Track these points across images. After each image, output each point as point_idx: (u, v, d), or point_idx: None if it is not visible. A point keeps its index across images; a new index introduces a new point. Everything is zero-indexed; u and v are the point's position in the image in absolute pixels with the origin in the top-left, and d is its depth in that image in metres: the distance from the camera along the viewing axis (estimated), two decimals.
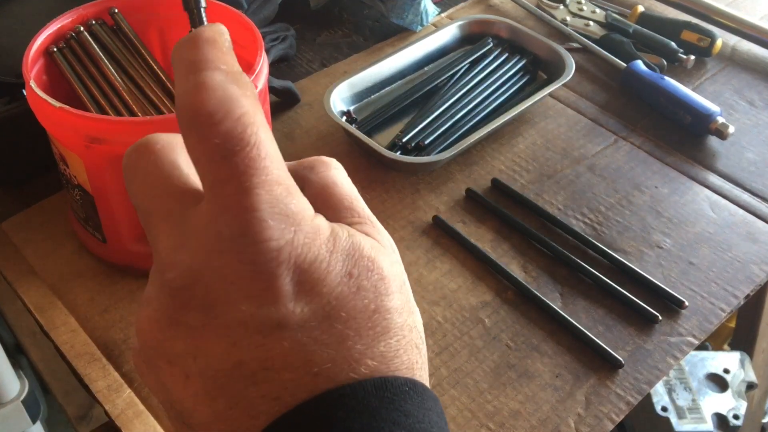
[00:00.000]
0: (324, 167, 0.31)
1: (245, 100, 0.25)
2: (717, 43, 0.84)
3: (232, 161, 0.24)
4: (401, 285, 0.28)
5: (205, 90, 0.25)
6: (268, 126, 0.26)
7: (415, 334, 0.28)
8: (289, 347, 0.24)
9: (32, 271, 0.63)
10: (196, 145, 0.25)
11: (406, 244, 0.66)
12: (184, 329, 0.25)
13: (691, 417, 0.99)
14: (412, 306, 0.29)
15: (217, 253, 0.24)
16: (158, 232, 0.26)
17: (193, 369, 0.25)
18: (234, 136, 0.24)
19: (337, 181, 0.30)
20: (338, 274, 0.26)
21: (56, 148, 0.58)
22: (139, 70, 0.63)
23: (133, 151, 0.28)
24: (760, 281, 0.63)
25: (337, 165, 0.31)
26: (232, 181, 0.24)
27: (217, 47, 0.26)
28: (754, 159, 0.75)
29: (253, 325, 0.24)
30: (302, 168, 0.31)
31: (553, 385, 0.56)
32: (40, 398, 1.07)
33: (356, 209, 0.30)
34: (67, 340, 0.58)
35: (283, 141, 0.75)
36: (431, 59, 0.84)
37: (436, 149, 0.72)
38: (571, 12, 0.91)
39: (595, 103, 0.81)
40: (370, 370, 0.25)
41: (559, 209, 0.69)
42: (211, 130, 0.24)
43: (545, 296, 0.61)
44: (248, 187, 0.24)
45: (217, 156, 0.24)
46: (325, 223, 0.26)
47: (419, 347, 0.28)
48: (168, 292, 0.25)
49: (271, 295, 0.24)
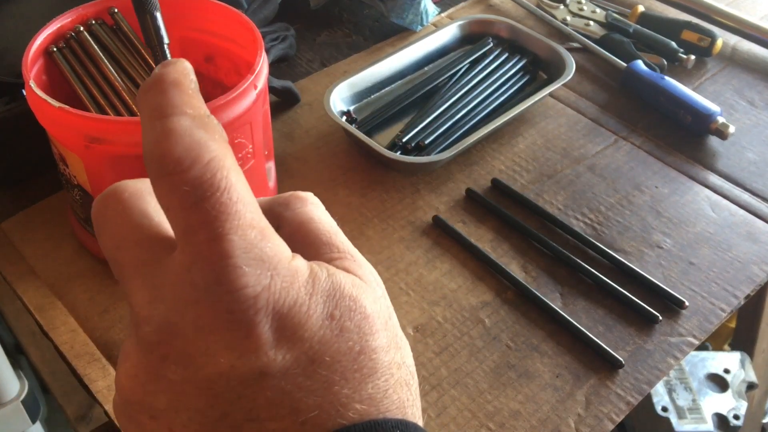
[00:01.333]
0: (299, 203, 0.30)
1: (213, 144, 0.24)
2: (717, 43, 0.84)
3: (203, 207, 0.23)
4: (386, 321, 0.27)
5: (172, 136, 0.24)
6: (239, 168, 0.25)
7: (404, 370, 0.27)
8: (273, 396, 0.24)
9: (32, 271, 0.63)
10: (165, 193, 0.24)
11: (406, 244, 0.66)
12: (164, 384, 0.24)
13: (691, 417, 0.99)
14: (399, 341, 0.28)
15: (192, 303, 0.24)
16: (131, 285, 0.25)
17: (177, 423, 0.24)
18: (203, 182, 0.24)
19: (313, 217, 0.30)
20: (319, 317, 0.25)
21: (56, 148, 0.58)
22: (139, 69, 0.63)
23: (101, 200, 0.27)
24: (761, 281, 0.63)
25: (313, 200, 0.31)
26: (204, 228, 0.23)
27: (183, 90, 0.26)
28: (755, 159, 0.75)
29: (234, 376, 0.24)
30: (277, 205, 0.30)
31: (554, 385, 0.56)
32: (40, 398, 1.06)
33: (335, 244, 0.29)
34: (66, 340, 0.58)
35: (283, 141, 0.75)
36: (431, 59, 0.84)
37: (436, 149, 0.72)
38: (572, 12, 0.91)
39: (595, 103, 0.81)
40: (359, 414, 0.25)
41: (559, 209, 0.69)
42: (179, 177, 0.24)
43: (545, 296, 0.61)
44: (221, 234, 0.23)
45: (188, 203, 0.23)
46: (303, 265, 0.26)
47: (409, 384, 0.27)
48: (145, 347, 0.25)
49: (250, 343, 0.24)
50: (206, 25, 0.65)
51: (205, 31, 0.66)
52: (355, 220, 0.67)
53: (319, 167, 0.73)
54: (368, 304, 0.27)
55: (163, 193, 0.24)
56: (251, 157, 0.59)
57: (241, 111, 0.55)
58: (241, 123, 0.56)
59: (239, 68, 0.65)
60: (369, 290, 0.27)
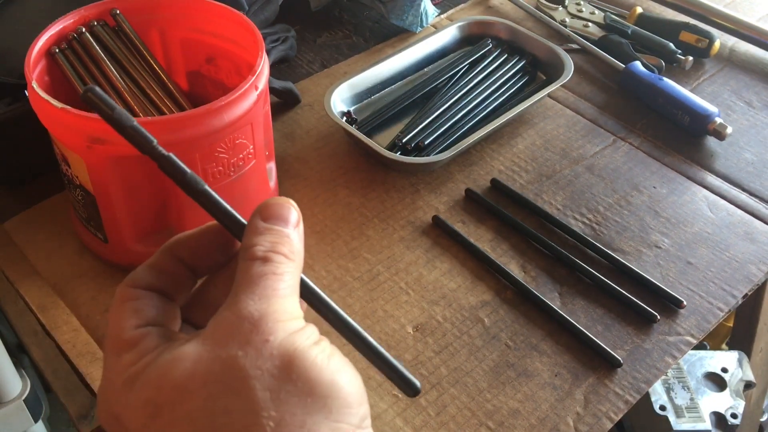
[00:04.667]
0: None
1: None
2: (715, 44, 0.85)
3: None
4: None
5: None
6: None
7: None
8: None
9: (34, 271, 0.63)
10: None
11: (406, 244, 0.66)
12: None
13: (689, 416, 0.99)
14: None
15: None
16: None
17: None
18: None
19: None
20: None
21: (58, 148, 0.58)
22: (141, 70, 0.63)
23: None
24: (758, 281, 0.64)
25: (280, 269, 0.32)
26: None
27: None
28: (752, 159, 0.75)
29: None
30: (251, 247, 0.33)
31: (552, 384, 0.56)
32: (42, 397, 1.07)
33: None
34: (68, 339, 0.58)
35: (283, 141, 0.76)
36: (431, 60, 0.85)
37: (435, 149, 0.73)
38: (570, 13, 0.91)
39: (593, 103, 0.82)
40: None
41: (558, 209, 0.69)
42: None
43: (544, 296, 0.61)
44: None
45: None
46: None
47: None
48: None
49: None
50: (207, 26, 0.66)
51: (206, 32, 0.66)
52: (355, 220, 0.67)
53: (319, 167, 0.73)
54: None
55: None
56: (252, 157, 0.60)
57: (242, 112, 0.55)
58: (242, 123, 0.56)
59: (240, 69, 0.66)
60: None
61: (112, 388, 0.30)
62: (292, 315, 0.30)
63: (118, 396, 0.29)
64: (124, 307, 0.32)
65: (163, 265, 0.33)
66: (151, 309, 0.32)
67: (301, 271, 0.32)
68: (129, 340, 0.30)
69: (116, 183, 0.56)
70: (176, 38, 0.67)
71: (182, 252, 0.34)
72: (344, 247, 0.65)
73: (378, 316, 0.60)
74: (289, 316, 0.30)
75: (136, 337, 0.30)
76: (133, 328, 0.31)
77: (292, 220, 0.33)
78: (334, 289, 0.62)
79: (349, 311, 0.60)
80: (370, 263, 0.64)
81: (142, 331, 0.31)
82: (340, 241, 0.65)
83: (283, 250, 0.31)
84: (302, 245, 0.33)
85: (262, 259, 0.31)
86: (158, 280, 0.33)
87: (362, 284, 0.63)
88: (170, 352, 0.29)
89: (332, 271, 0.63)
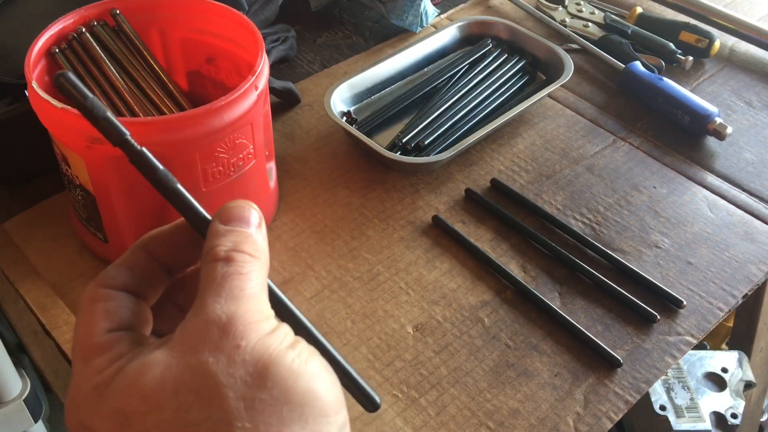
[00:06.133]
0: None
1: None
2: (715, 44, 0.85)
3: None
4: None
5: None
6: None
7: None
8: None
9: (34, 271, 0.63)
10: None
11: (406, 244, 0.66)
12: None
13: (689, 416, 0.99)
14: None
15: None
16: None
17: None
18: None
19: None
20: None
21: (58, 148, 0.58)
22: (141, 70, 0.63)
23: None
24: (758, 281, 0.64)
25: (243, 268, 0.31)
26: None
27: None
28: (752, 159, 0.75)
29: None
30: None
31: (552, 383, 0.56)
32: (42, 397, 1.07)
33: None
34: (68, 339, 0.58)
35: (283, 141, 0.76)
36: (431, 60, 0.85)
37: (435, 149, 0.73)
38: (570, 13, 0.91)
39: (593, 103, 0.82)
40: None
41: (558, 209, 0.69)
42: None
43: (544, 296, 0.61)
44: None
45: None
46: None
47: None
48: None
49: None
50: (207, 26, 0.66)
51: (206, 32, 0.66)
52: (355, 220, 0.67)
53: (319, 167, 0.73)
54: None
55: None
56: (252, 157, 0.60)
57: (242, 112, 0.55)
58: (242, 123, 0.56)
59: (240, 69, 0.66)
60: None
61: (81, 395, 0.28)
62: (262, 315, 0.29)
63: (87, 404, 0.28)
64: (95, 309, 0.30)
65: (136, 264, 0.32)
66: (124, 311, 0.31)
67: (267, 270, 0.31)
68: (100, 344, 0.29)
69: (116, 183, 0.56)
70: (176, 38, 0.67)
71: (156, 249, 0.33)
72: (344, 247, 0.65)
73: (378, 316, 0.60)
74: (259, 316, 0.28)
75: (108, 342, 0.29)
76: (105, 332, 0.29)
77: (254, 221, 0.32)
78: (334, 289, 0.62)
79: (349, 311, 0.61)
80: (370, 263, 0.64)
81: (113, 335, 0.29)
82: (340, 241, 0.65)
83: (246, 249, 0.30)
84: (266, 245, 0.31)
85: (225, 260, 0.29)
86: (131, 279, 0.32)
87: (362, 284, 0.63)
88: (139, 359, 0.28)
89: (332, 271, 0.63)
